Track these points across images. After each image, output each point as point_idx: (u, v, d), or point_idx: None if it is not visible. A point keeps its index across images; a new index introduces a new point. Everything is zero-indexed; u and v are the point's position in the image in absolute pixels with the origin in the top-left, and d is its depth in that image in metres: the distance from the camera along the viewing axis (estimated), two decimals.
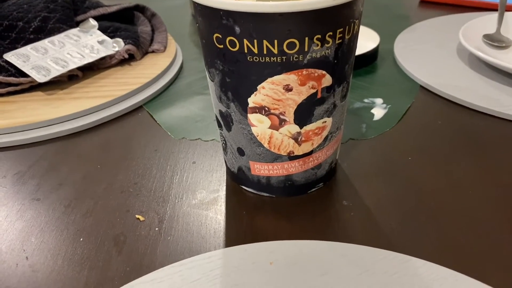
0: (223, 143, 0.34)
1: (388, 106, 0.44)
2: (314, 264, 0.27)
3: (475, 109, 0.43)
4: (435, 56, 0.52)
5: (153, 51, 0.54)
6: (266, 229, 0.31)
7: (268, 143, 0.30)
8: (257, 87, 0.28)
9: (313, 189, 0.34)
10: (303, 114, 0.29)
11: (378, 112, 0.43)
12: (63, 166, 0.38)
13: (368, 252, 0.28)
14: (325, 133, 0.31)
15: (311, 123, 0.30)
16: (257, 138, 0.30)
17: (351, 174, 0.35)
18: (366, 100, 0.45)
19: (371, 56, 0.52)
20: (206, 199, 0.34)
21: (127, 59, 0.52)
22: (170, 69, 0.52)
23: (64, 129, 0.42)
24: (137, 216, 0.32)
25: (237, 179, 0.35)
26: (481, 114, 0.42)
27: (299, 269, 0.27)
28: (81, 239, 0.30)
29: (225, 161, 0.35)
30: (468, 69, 0.49)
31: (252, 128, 0.30)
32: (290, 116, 0.29)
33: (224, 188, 0.35)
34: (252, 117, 0.29)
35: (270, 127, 0.30)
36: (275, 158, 0.31)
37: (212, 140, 0.41)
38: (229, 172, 0.35)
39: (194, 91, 0.49)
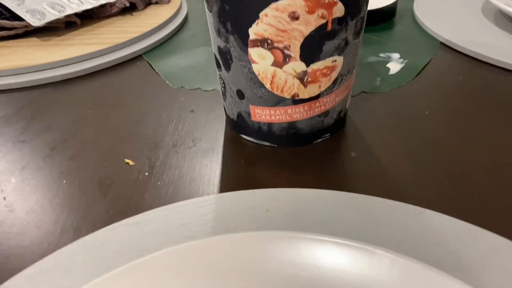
0: (222, 86, 0.31)
1: (405, 61, 0.40)
2: (315, 212, 0.24)
3: (500, 65, 0.39)
4: (458, 14, 0.49)
5: (156, 2, 0.51)
6: (265, 179, 0.28)
7: (270, 84, 0.27)
8: (259, 15, 0.25)
9: (319, 140, 0.31)
10: (311, 49, 0.26)
11: (394, 66, 0.39)
12: (53, 110, 0.35)
13: (377, 203, 0.25)
14: (334, 75, 0.28)
15: (319, 60, 0.27)
16: (258, 77, 0.27)
17: (362, 127, 0.32)
18: (382, 55, 0.41)
19: (389, 12, 0.48)
20: (202, 147, 0.31)
21: (129, 9, 0.49)
22: (174, 20, 0.49)
23: (57, 74, 0.39)
24: (126, 160, 0.30)
25: (236, 127, 0.32)
26: (506, 71, 0.39)
27: (298, 217, 0.24)
28: (64, 181, 0.28)
29: (224, 108, 0.33)
30: (493, 27, 0.45)
31: (253, 65, 0.27)
32: (295, 51, 0.26)
33: (222, 137, 0.32)
34: (253, 52, 0.26)
35: (273, 64, 0.27)
36: (278, 101, 0.28)
37: (213, 90, 0.38)
38: (228, 120, 0.32)
39: (197, 42, 0.46)
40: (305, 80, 0.27)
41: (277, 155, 0.30)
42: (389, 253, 0.18)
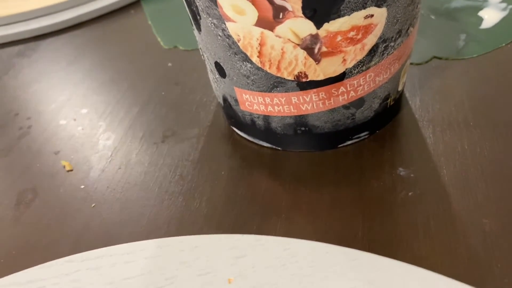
0: (201, 53, 0.20)
1: (510, 6, 0.26)
2: None
3: None
4: None
5: None
6: (251, 207, 0.18)
7: (258, 56, 0.16)
8: None
9: (348, 142, 0.19)
10: None
11: (492, 15, 0.25)
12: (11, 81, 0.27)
13: (427, 283, 0.14)
14: (371, 40, 0.16)
15: (339, 17, 0.15)
16: (239, 44, 0.16)
17: (426, 120, 0.20)
18: None
19: None
20: (172, 146, 0.21)
21: None
22: None
23: (27, 29, 0.31)
24: (63, 162, 0.21)
25: (226, 116, 0.21)
26: None
27: None
28: None
29: None
30: None
31: (227, 25, 0.16)
32: (294, 1, 0.14)
33: (207, 131, 0.22)
34: (224, 2, 0.15)
35: (259, 24, 0.15)
36: (275, 84, 0.17)
37: None
38: (220, 103, 0.22)
39: None
40: (316, 51, 0.16)
41: (277, 166, 0.19)
42: None
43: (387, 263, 0.14)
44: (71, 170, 0.20)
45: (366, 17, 0.15)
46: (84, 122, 0.23)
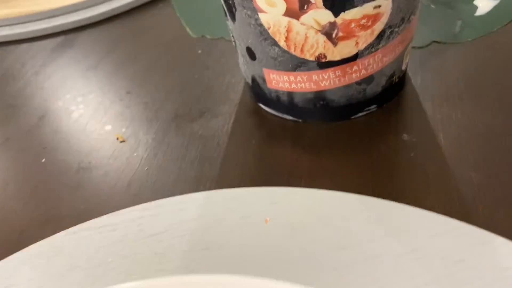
0: (233, 40, 0.23)
1: None
2: (332, 233, 0.17)
3: None
4: None
5: None
6: (278, 169, 0.21)
7: (285, 41, 0.20)
8: None
9: (360, 114, 0.23)
10: None
11: (485, 3, 0.29)
12: (49, 70, 0.31)
13: (426, 220, 0.17)
14: (379, 27, 0.19)
15: (353, 7, 0.18)
16: (269, 31, 0.20)
17: (426, 94, 0.23)
18: None
19: None
20: (208, 121, 0.24)
21: None
22: None
23: (64, 22, 0.34)
24: (117, 135, 0.24)
25: (254, 94, 0.25)
26: None
27: (307, 236, 0.17)
28: (43, 160, 0.24)
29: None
30: None
31: (259, 15, 0.19)
32: None
33: (237, 108, 0.25)
34: None
35: (287, 14, 0.19)
36: (298, 64, 0.20)
37: None
38: (246, 84, 0.25)
39: None
40: (334, 36, 0.19)
41: (299, 135, 0.23)
42: None
43: (394, 206, 0.18)
44: (124, 141, 0.24)
45: (375, 7, 0.18)
46: (129, 102, 0.27)
